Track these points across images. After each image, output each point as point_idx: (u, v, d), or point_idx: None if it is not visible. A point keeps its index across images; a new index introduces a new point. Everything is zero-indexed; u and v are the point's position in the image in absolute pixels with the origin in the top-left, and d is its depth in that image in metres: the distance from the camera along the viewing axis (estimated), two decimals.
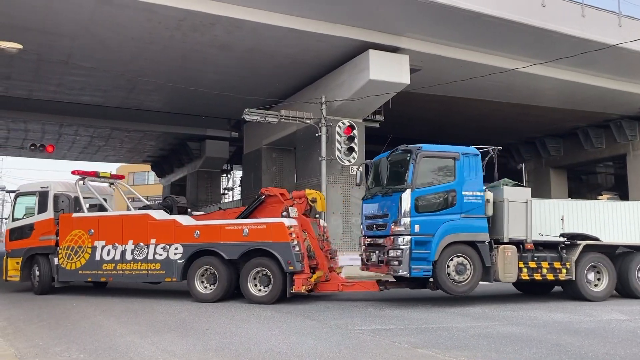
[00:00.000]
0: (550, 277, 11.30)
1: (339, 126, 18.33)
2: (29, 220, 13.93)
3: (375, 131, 20.85)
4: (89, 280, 13.27)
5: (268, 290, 11.22)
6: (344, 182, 19.41)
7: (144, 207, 13.73)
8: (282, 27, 15.98)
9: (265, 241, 11.26)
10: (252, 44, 17.20)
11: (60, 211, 13.50)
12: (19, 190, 14.56)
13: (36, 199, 13.83)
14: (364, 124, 20.13)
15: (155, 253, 12.06)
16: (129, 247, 12.30)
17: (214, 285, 11.64)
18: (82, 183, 13.94)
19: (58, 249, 13.02)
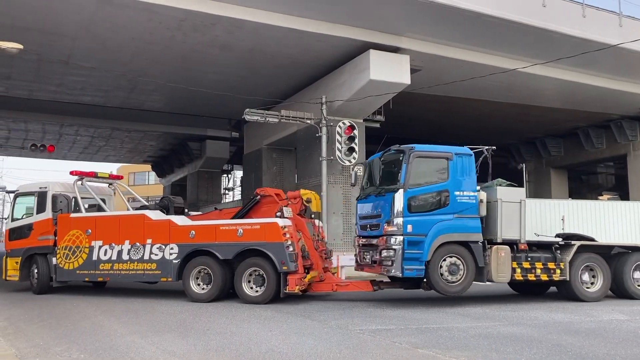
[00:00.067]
0: (544, 278, 11.25)
1: (340, 126, 18.32)
2: (27, 220, 14.00)
3: (375, 131, 20.85)
4: (86, 280, 13.30)
5: (262, 290, 11.22)
6: (344, 182, 19.39)
7: (141, 208, 13.78)
8: (282, 27, 16.00)
9: (259, 241, 11.26)
10: (253, 44, 17.21)
11: (59, 211, 13.55)
12: (18, 190, 14.65)
13: (35, 199, 13.89)
14: (364, 124, 20.14)
15: (151, 253, 12.08)
16: (125, 247, 12.32)
17: (209, 285, 11.63)
18: (81, 183, 13.98)
19: (56, 248, 13.06)
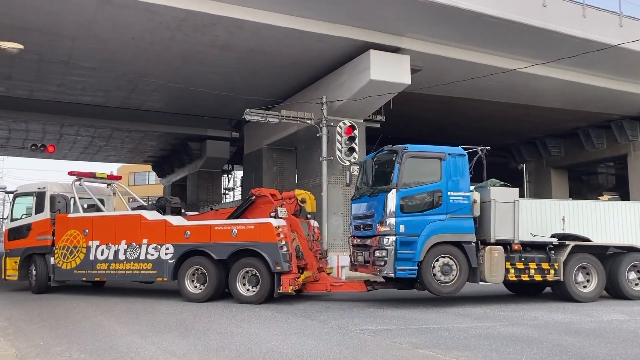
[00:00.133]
0: (537, 278, 11.20)
1: (340, 126, 18.32)
2: (26, 220, 14.08)
3: (376, 131, 20.84)
4: (83, 279, 13.35)
5: (256, 290, 11.24)
6: (344, 182, 19.38)
7: (138, 208, 13.83)
8: (282, 28, 16.00)
9: (253, 241, 11.28)
10: (253, 44, 17.21)
11: (57, 211, 13.61)
12: (17, 191, 14.76)
13: (33, 199, 13.97)
14: (364, 124, 20.14)
15: (147, 253, 12.12)
16: (122, 247, 12.37)
17: (204, 285, 11.66)
18: (79, 184, 14.04)
19: (54, 248, 13.11)
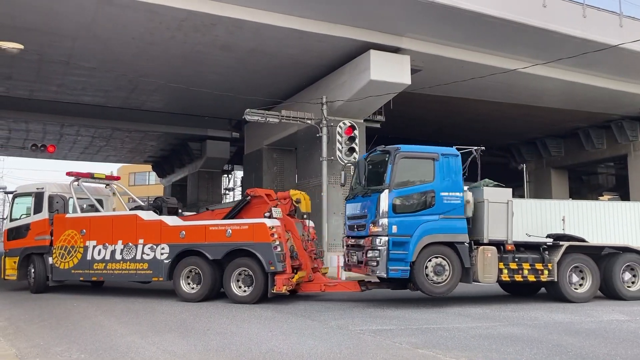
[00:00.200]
0: (531, 278, 11.14)
1: (340, 126, 18.32)
2: (25, 220, 14.13)
3: (376, 131, 20.86)
4: (81, 279, 13.39)
5: (250, 290, 11.26)
6: (347, 182, 19.40)
7: (135, 208, 13.86)
8: (283, 28, 16.01)
9: (247, 241, 11.30)
10: (253, 44, 17.21)
11: (55, 212, 13.65)
12: (16, 191, 14.82)
13: (32, 199, 14.01)
14: (364, 124, 20.15)
15: (143, 253, 12.16)
16: (118, 247, 12.40)
17: (198, 285, 11.69)
18: (77, 184, 14.08)
19: (52, 248, 13.15)
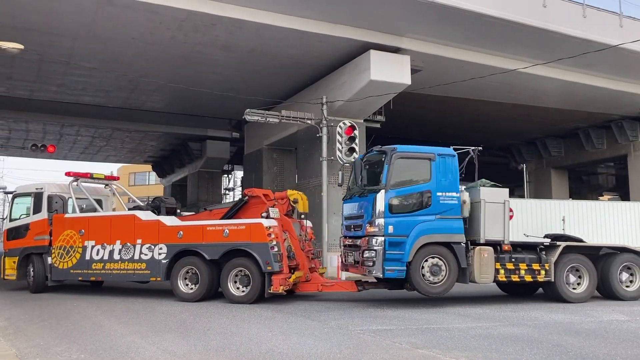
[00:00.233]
0: (528, 279, 11.15)
1: (340, 126, 18.30)
2: (24, 220, 14.19)
3: (376, 132, 20.84)
4: (80, 279, 13.41)
5: (247, 290, 11.28)
6: (345, 182, 19.37)
7: (133, 208, 13.89)
8: (283, 28, 15.99)
9: (244, 242, 11.33)
10: (254, 45, 17.20)
11: (54, 212, 13.67)
12: (16, 191, 14.88)
13: (31, 200, 14.05)
14: (365, 124, 20.12)
15: (141, 253, 12.20)
16: (116, 247, 12.46)
17: (196, 285, 11.72)
18: (76, 184, 14.09)
19: (51, 248, 13.18)
